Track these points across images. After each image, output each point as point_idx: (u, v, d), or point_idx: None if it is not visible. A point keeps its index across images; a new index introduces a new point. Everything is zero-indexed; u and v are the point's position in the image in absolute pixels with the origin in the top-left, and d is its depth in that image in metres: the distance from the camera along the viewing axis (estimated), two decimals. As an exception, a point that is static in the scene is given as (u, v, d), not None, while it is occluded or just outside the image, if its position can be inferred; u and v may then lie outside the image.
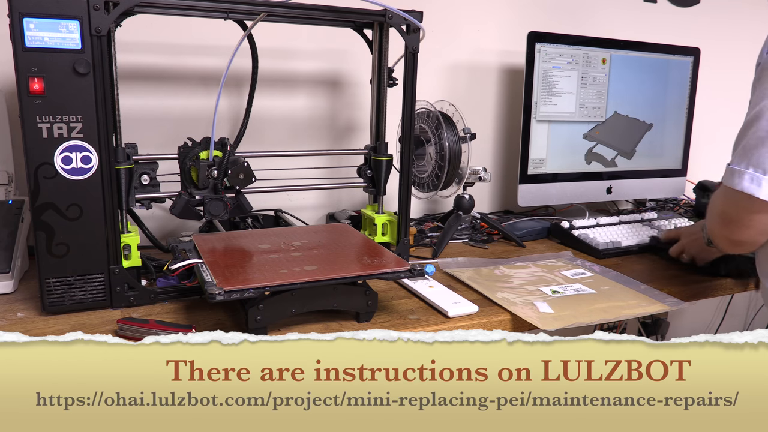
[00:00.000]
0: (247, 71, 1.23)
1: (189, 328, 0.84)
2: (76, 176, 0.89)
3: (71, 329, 0.88)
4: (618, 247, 1.37)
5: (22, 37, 0.82)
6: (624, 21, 1.85)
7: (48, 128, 0.86)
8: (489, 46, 1.67)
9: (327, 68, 1.47)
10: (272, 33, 1.30)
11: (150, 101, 1.31)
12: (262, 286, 0.83)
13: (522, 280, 1.15)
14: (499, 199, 1.77)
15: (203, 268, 0.91)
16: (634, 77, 1.65)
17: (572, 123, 1.58)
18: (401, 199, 1.17)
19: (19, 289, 1.03)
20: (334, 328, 0.92)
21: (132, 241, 0.97)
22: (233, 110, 1.38)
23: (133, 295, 0.96)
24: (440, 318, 0.97)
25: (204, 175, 1.03)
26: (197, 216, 1.05)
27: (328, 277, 0.89)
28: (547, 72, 1.51)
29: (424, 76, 1.32)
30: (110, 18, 0.87)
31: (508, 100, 1.72)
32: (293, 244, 1.04)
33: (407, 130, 1.14)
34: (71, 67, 0.86)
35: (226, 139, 1.05)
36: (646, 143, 1.70)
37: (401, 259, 0.97)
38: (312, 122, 1.47)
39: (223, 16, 0.99)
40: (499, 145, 1.74)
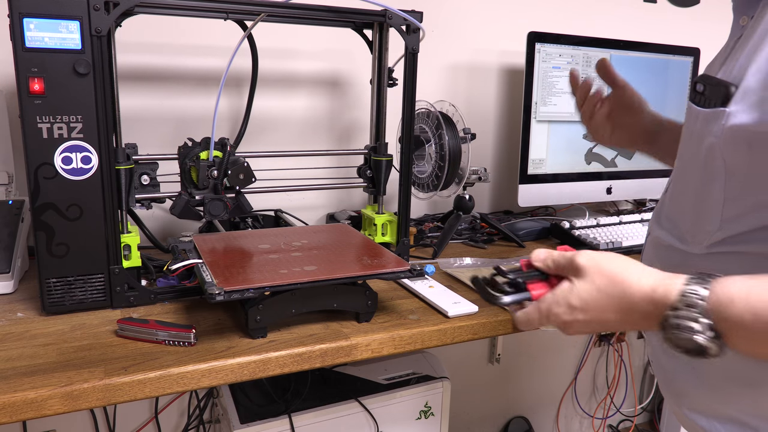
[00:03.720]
0: (247, 71, 1.23)
1: (189, 329, 0.84)
2: (76, 176, 0.89)
3: (71, 329, 0.88)
4: (618, 247, 1.37)
5: (22, 37, 0.82)
6: (624, 21, 1.85)
7: (48, 128, 0.86)
8: (489, 46, 1.67)
9: (327, 68, 1.47)
10: (272, 33, 1.30)
11: (150, 101, 1.31)
12: (262, 286, 0.83)
13: (522, 280, 1.15)
14: (499, 199, 1.77)
15: (203, 268, 0.91)
16: (634, 77, 1.63)
17: (572, 123, 1.58)
18: (401, 199, 1.17)
19: (19, 289, 1.03)
20: (334, 328, 0.92)
21: (132, 241, 0.97)
22: (233, 110, 1.38)
23: (133, 296, 0.96)
24: (440, 318, 0.97)
25: (204, 176, 1.03)
26: (197, 216, 1.05)
27: (328, 277, 0.89)
28: (547, 72, 1.51)
29: (424, 76, 1.32)
30: (110, 18, 0.87)
31: (508, 100, 1.72)
32: (293, 244, 1.04)
33: (407, 130, 1.14)
34: (71, 68, 0.86)
35: (226, 139, 1.05)
36: (646, 143, 1.70)
37: (401, 260, 0.97)
38: (312, 122, 1.47)
39: (223, 16, 0.99)
40: (499, 145, 1.74)
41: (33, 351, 0.81)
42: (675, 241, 0.70)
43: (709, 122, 0.62)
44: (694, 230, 0.67)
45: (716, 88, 0.61)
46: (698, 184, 0.66)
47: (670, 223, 0.72)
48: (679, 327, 0.55)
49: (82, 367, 0.77)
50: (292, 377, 1.25)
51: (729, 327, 0.54)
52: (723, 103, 0.60)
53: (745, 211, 0.61)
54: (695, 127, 0.65)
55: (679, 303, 0.56)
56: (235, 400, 1.22)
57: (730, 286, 0.55)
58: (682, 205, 0.70)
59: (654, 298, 0.58)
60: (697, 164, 0.66)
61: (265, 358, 0.83)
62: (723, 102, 0.60)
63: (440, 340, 0.95)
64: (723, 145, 0.61)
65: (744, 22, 0.66)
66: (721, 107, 0.60)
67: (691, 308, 0.55)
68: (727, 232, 0.63)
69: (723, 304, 0.54)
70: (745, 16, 0.66)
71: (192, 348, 0.84)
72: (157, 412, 1.42)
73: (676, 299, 0.56)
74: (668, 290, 0.57)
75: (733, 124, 0.59)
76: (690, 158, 0.69)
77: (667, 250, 0.72)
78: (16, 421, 0.71)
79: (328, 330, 0.91)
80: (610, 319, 0.63)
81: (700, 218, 0.66)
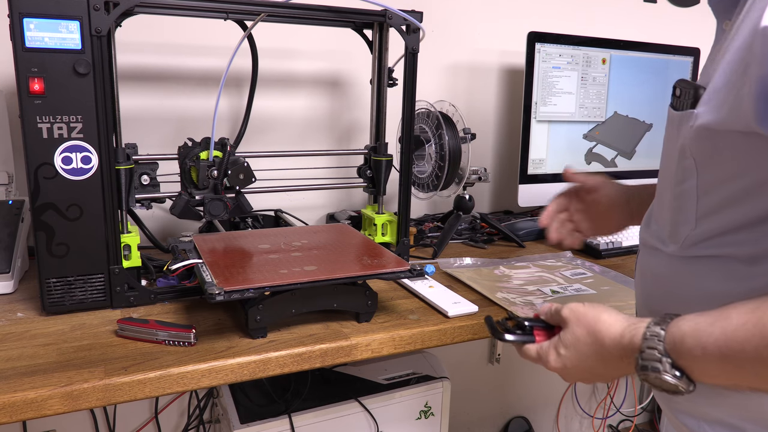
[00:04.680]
0: (247, 71, 1.23)
1: (189, 329, 0.84)
2: (76, 176, 0.89)
3: (71, 329, 0.88)
4: (618, 247, 1.37)
5: (22, 38, 0.82)
6: (624, 21, 1.85)
7: (48, 128, 0.86)
8: (489, 46, 1.67)
9: (327, 68, 1.47)
10: (272, 33, 1.29)
11: (150, 101, 1.31)
12: (262, 286, 0.83)
13: (522, 281, 1.15)
14: (499, 199, 1.77)
15: (203, 268, 0.90)
16: (634, 77, 1.65)
17: (572, 123, 1.58)
18: (401, 199, 1.17)
19: (19, 289, 1.03)
20: (334, 328, 0.92)
21: (132, 241, 0.97)
22: (233, 110, 1.38)
23: (133, 296, 0.96)
24: (440, 318, 0.97)
25: (204, 176, 1.03)
26: (197, 216, 1.05)
27: (328, 277, 0.89)
28: (547, 72, 1.51)
29: (424, 76, 1.32)
30: (110, 18, 0.87)
31: (508, 100, 1.72)
32: (293, 244, 1.04)
33: (407, 130, 1.14)
34: (71, 68, 0.86)
35: (226, 139, 1.05)
36: (646, 143, 1.70)
37: (401, 259, 0.97)
38: (312, 122, 1.47)
39: (223, 16, 0.99)
40: (499, 145, 1.74)
41: (33, 351, 0.81)
42: (659, 243, 0.72)
43: (681, 124, 0.64)
44: (672, 230, 0.69)
45: (687, 91, 0.63)
46: (674, 184, 0.68)
47: (655, 226, 0.75)
48: (647, 368, 0.58)
49: (82, 367, 0.77)
50: (292, 377, 1.25)
51: (687, 364, 0.57)
52: (692, 105, 0.62)
53: (718, 206, 0.63)
54: (671, 130, 0.68)
55: (643, 345, 0.59)
56: (235, 400, 1.22)
57: (681, 324, 0.58)
58: (663, 208, 0.72)
59: (622, 343, 0.62)
60: (673, 166, 0.68)
61: (265, 358, 0.83)
62: (693, 104, 0.62)
63: (440, 340, 0.95)
64: (691, 145, 0.63)
65: (727, 26, 0.67)
66: (690, 109, 0.62)
67: (653, 350, 0.58)
68: (704, 232, 0.65)
69: (677, 342, 0.57)
70: (728, 21, 0.67)
71: (192, 348, 0.84)
72: (157, 412, 1.42)
73: (640, 342, 0.60)
74: (634, 334, 0.61)
75: (699, 124, 0.61)
76: (667, 160, 0.71)
77: (652, 253, 0.74)
78: (16, 421, 0.71)
79: (328, 330, 0.91)
80: (594, 366, 0.67)
81: (678, 217, 0.68)
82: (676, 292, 0.69)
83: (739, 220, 0.62)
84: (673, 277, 0.69)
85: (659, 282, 0.72)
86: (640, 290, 0.78)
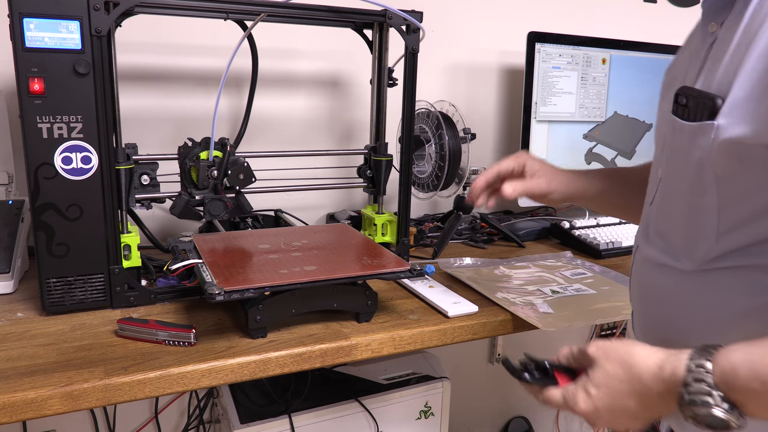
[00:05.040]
0: (247, 71, 1.23)
1: (189, 329, 0.84)
2: (76, 176, 0.89)
3: (71, 329, 0.88)
4: (618, 247, 1.37)
5: (22, 38, 0.82)
6: (624, 21, 1.85)
7: (48, 128, 0.86)
8: (489, 46, 1.67)
9: (327, 68, 1.47)
10: (272, 33, 1.29)
11: (150, 101, 1.31)
12: (262, 286, 0.83)
13: (522, 281, 1.15)
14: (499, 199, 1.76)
15: (203, 268, 0.90)
16: (634, 77, 1.65)
17: (572, 123, 1.58)
18: (401, 199, 1.17)
19: (19, 289, 1.03)
20: (334, 328, 0.92)
21: (132, 241, 0.97)
22: (233, 110, 1.38)
23: (133, 296, 0.96)
24: (440, 318, 0.97)
25: (204, 176, 1.03)
26: (197, 216, 1.05)
27: (328, 277, 0.89)
28: (547, 72, 1.51)
29: (424, 76, 1.32)
30: (110, 18, 0.87)
31: (508, 100, 1.72)
32: (293, 244, 1.04)
33: (407, 130, 1.14)
34: (71, 68, 0.85)
35: (226, 139, 1.05)
36: (646, 143, 1.70)
37: (401, 259, 0.97)
38: (312, 122, 1.47)
39: (223, 16, 0.99)
40: (499, 145, 1.74)
41: (33, 351, 0.81)
42: (669, 259, 0.69)
43: (696, 136, 0.61)
44: (688, 247, 0.66)
45: (701, 101, 0.60)
46: (688, 198, 0.65)
47: (661, 241, 0.71)
48: (695, 403, 0.54)
49: (82, 367, 0.77)
50: (292, 377, 1.25)
51: (740, 397, 0.53)
52: (710, 116, 0.59)
53: (742, 222, 0.61)
54: (681, 140, 0.64)
55: (688, 378, 0.55)
56: (235, 400, 1.22)
57: (730, 356, 0.54)
58: (673, 222, 0.69)
59: (663, 376, 0.58)
60: (686, 179, 0.65)
61: (265, 358, 0.83)
62: (710, 115, 0.59)
63: (440, 340, 0.95)
64: (714, 159, 0.60)
65: (713, 28, 0.65)
66: (708, 120, 0.59)
67: (700, 382, 0.54)
68: (725, 247, 0.62)
69: (728, 374, 0.53)
70: (714, 23, 0.65)
71: (192, 348, 0.84)
72: (157, 412, 1.42)
73: (684, 375, 0.56)
74: (675, 367, 0.57)
75: (725, 138, 0.58)
76: (676, 173, 0.68)
77: (659, 270, 0.70)
78: (16, 421, 0.71)
79: (328, 330, 0.91)
80: (629, 406, 0.61)
81: (695, 234, 0.65)
82: (688, 310, 0.65)
83: (765, 233, 0.59)
84: (687, 294, 0.65)
85: (669, 301, 0.69)
86: (641, 312, 0.74)
